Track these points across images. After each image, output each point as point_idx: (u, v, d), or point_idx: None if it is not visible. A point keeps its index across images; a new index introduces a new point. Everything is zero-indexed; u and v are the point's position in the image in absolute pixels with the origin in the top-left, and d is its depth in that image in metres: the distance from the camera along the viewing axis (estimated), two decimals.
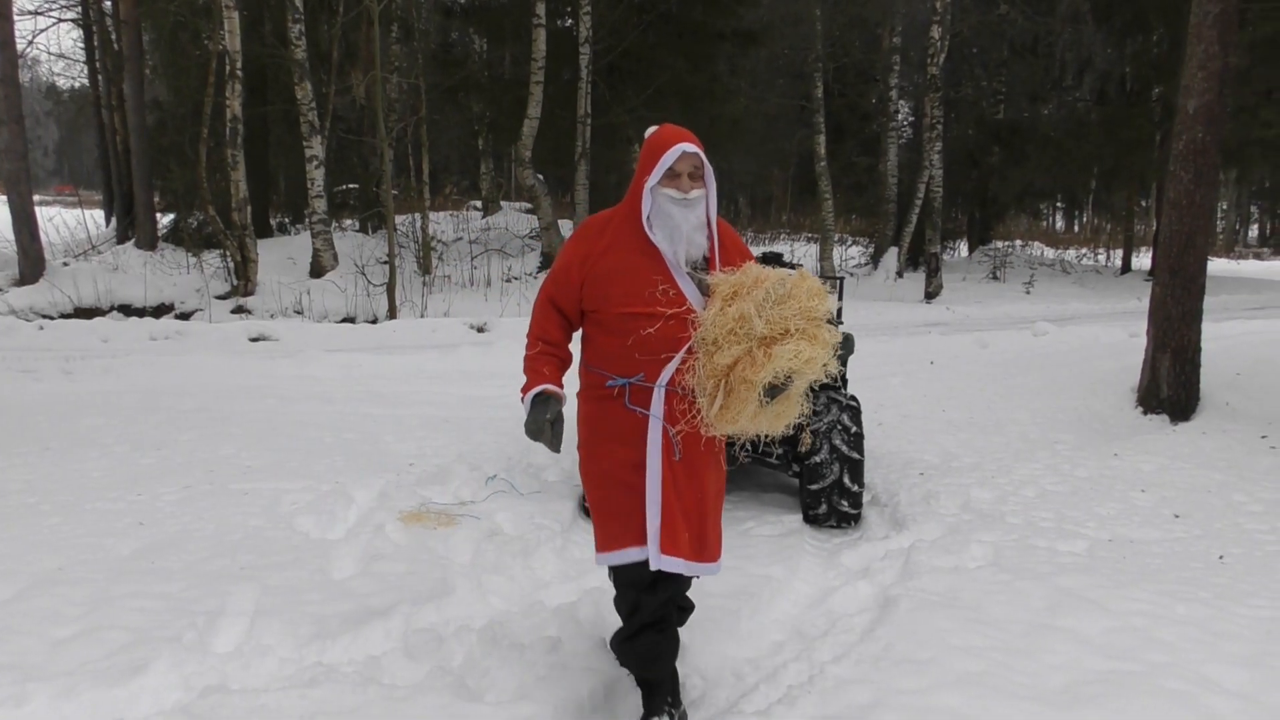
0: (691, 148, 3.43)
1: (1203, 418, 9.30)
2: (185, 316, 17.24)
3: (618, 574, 3.71)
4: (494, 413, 9.22)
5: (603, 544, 3.65)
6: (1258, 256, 48.16)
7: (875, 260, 26.04)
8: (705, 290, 3.53)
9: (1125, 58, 25.36)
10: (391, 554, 5.30)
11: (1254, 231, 58.90)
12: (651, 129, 3.64)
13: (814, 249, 28.09)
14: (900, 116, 27.50)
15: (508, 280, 19.86)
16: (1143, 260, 31.38)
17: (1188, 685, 3.97)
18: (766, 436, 3.57)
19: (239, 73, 17.51)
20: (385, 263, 17.84)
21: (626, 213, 3.56)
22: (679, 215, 3.47)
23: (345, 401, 9.71)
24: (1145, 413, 9.45)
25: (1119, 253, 32.20)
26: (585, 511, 6.39)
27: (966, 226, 31.57)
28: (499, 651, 4.17)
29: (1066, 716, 3.68)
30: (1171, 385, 9.32)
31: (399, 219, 21.60)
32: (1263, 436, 8.58)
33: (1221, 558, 5.82)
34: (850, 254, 28.65)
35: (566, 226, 21.82)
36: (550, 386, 3.59)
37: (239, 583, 4.69)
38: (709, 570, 3.64)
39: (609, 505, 3.62)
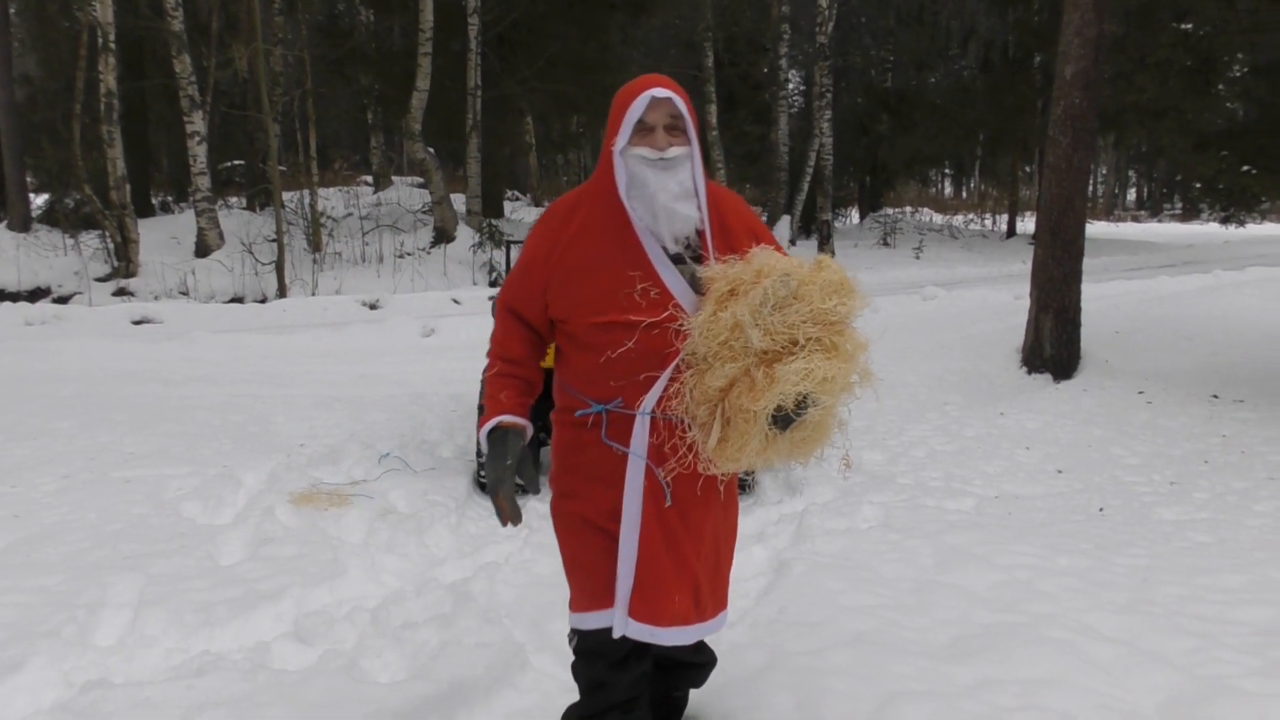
0: (664, 91, 2.69)
1: (1084, 375, 9.59)
2: (63, 300, 16.65)
3: (582, 638, 3.01)
4: (387, 390, 9.10)
5: (575, 603, 3.01)
6: (1135, 219, 49.78)
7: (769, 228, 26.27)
8: (699, 287, 2.76)
9: (1008, 26, 25.87)
10: (281, 537, 5.20)
11: (1132, 195, 60.76)
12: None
13: None
14: (791, 85, 27.73)
15: (400, 256, 19.58)
16: (1027, 224, 32.15)
17: (1069, 634, 4.09)
18: None
19: (112, 45, 16.89)
20: (273, 241, 17.44)
21: (598, 189, 2.82)
22: (655, 181, 2.72)
23: (233, 383, 9.48)
24: (1030, 372, 9.71)
25: (1005, 217, 32.96)
26: (481, 486, 6.35)
27: (857, 194, 32.04)
28: (393, 631, 4.12)
29: (954, 669, 3.77)
30: (1054, 345, 9.58)
31: (287, 195, 21.11)
32: (1139, 392, 8.88)
33: (1101, 510, 6.01)
34: None
35: (459, 200, 21.57)
36: (509, 418, 2.84)
37: (121, 573, 4.55)
38: (710, 629, 3.01)
39: (582, 557, 2.95)
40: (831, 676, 3.64)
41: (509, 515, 2.79)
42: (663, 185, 2.72)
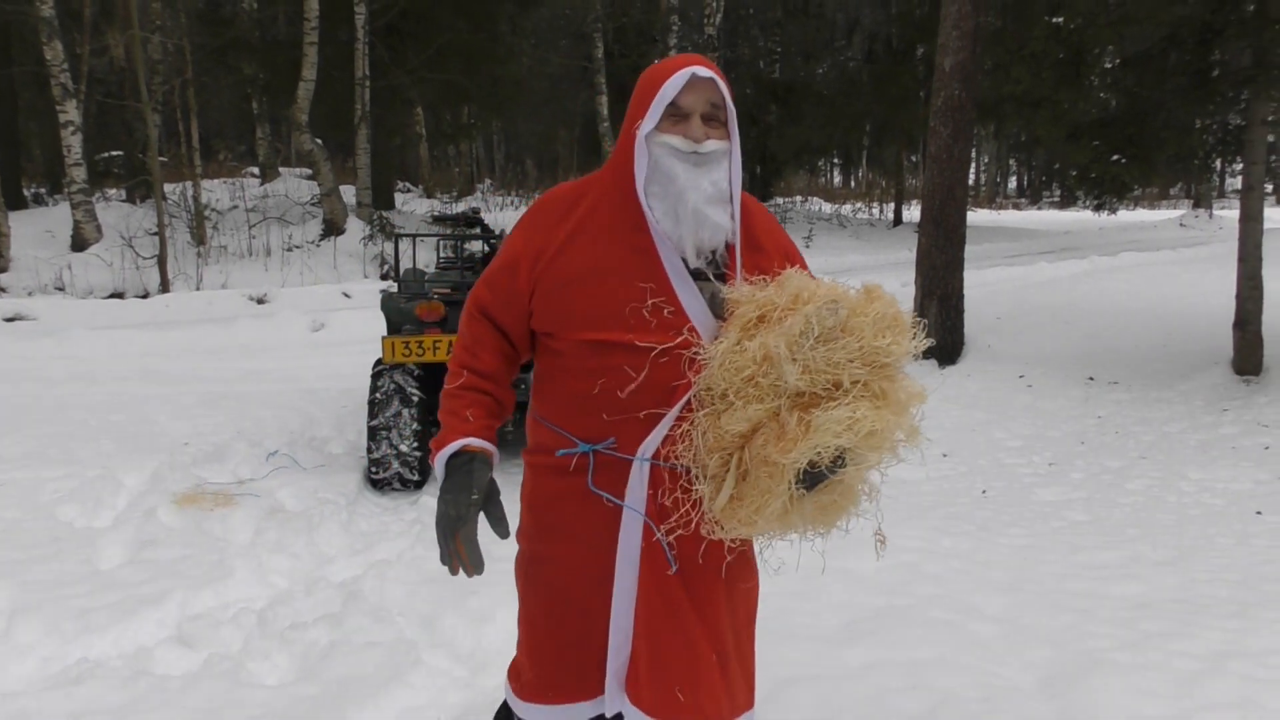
0: (706, 72, 2.20)
1: (968, 361, 9.84)
2: None
3: None
4: (275, 386, 8.92)
5: (529, 689, 2.43)
6: (1017, 207, 51.13)
7: None
8: (721, 310, 2.26)
9: (891, 17, 26.37)
10: (164, 539, 5.06)
11: (1013, 183, 62.42)
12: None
13: None
14: None
15: (289, 249, 19.16)
16: (913, 213, 32.79)
17: (954, 614, 4.20)
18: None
19: None
20: (155, 234, 16.92)
21: (610, 180, 2.30)
22: (686, 178, 2.20)
23: (113, 381, 9.20)
24: (915, 358, 9.92)
25: (891, 206, 33.60)
26: (373, 483, 6.27)
27: (748, 184, 32.33)
28: (281, 632, 4.05)
29: (843, 653, 3.85)
30: (938, 331, 9.81)
31: (169, 188, 20.51)
32: (1020, 376, 9.15)
33: (984, 492, 6.18)
34: None
35: (349, 192, 21.21)
36: (476, 441, 2.28)
37: None
38: None
39: (549, 641, 2.39)
40: None
41: (469, 564, 2.21)
42: (694, 183, 2.20)
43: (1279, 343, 9.11)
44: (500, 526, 2.28)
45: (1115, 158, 8.86)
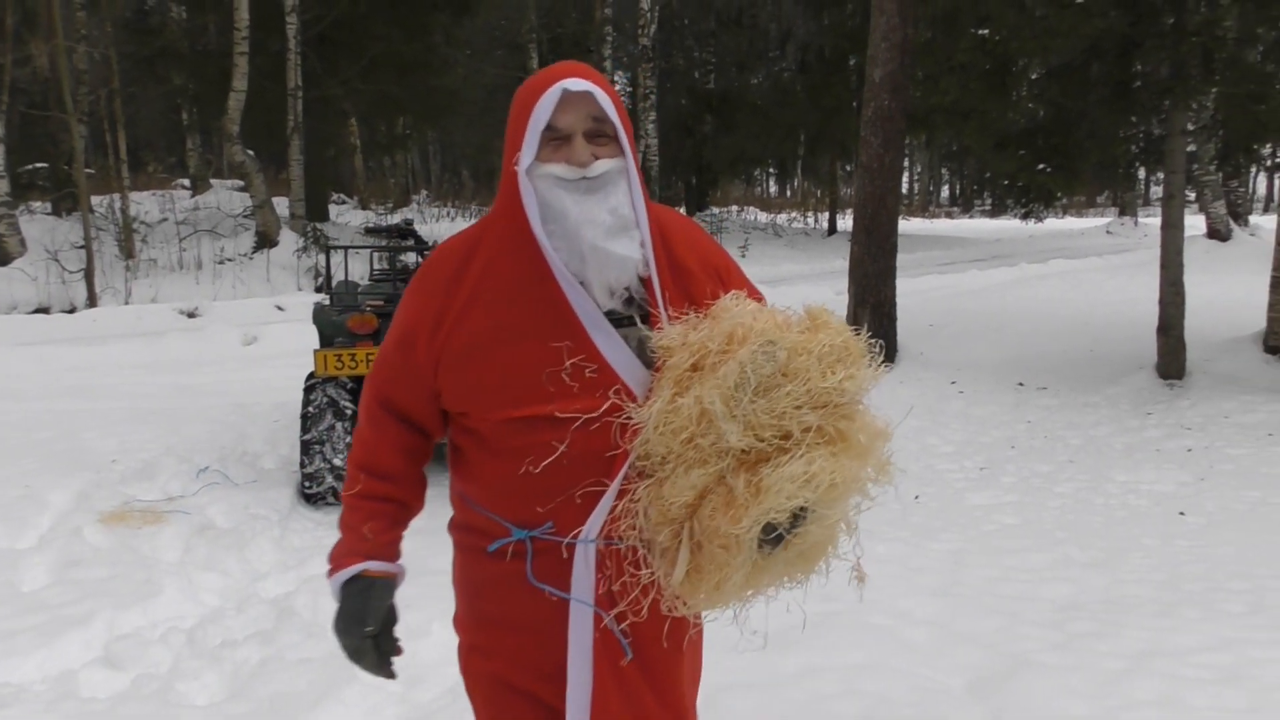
0: (580, 83, 1.90)
1: (901, 367, 9.96)
2: None
3: None
4: (207, 401, 8.79)
5: None
6: (949, 215, 51.89)
7: None
8: (650, 357, 1.96)
9: (824, 29, 26.63)
10: (90, 559, 4.96)
11: (946, 192, 63.34)
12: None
13: None
14: (618, 87, 27.91)
15: (221, 262, 18.91)
16: (848, 222, 33.05)
17: (888, 619, 4.25)
18: None
19: None
20: (81, 247, 16.62)
21: (503, 225, 1.99)
22: (579, 211, 1.91)
23: (39, 398, 9.01)
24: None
25: (826, 215, 33.92)
26: (306, 498, 6.20)
27: (684, 194, 32.47)
28: (211, 651, 3.99)
29: (779, 660, 3.87)
30: (872, 338, 9.90)
31: (96, 200, 20.15)
32: (952, 382, 9.28)
33: (917, 497, 6.26)
34: None
35: (282, 204, 20.98)
36: (375, 565, 2.01)
37: None
38: None
39: None
40: None
41: (380, 672, 2.03)
42: (589, 215, 1.91)
43: (1201, 347, 9.34)
44: (385, 670, 2.01)
45: (1041, 167, 9.04)
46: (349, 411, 6.14)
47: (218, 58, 20.82)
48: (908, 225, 34.56)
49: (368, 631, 1.97)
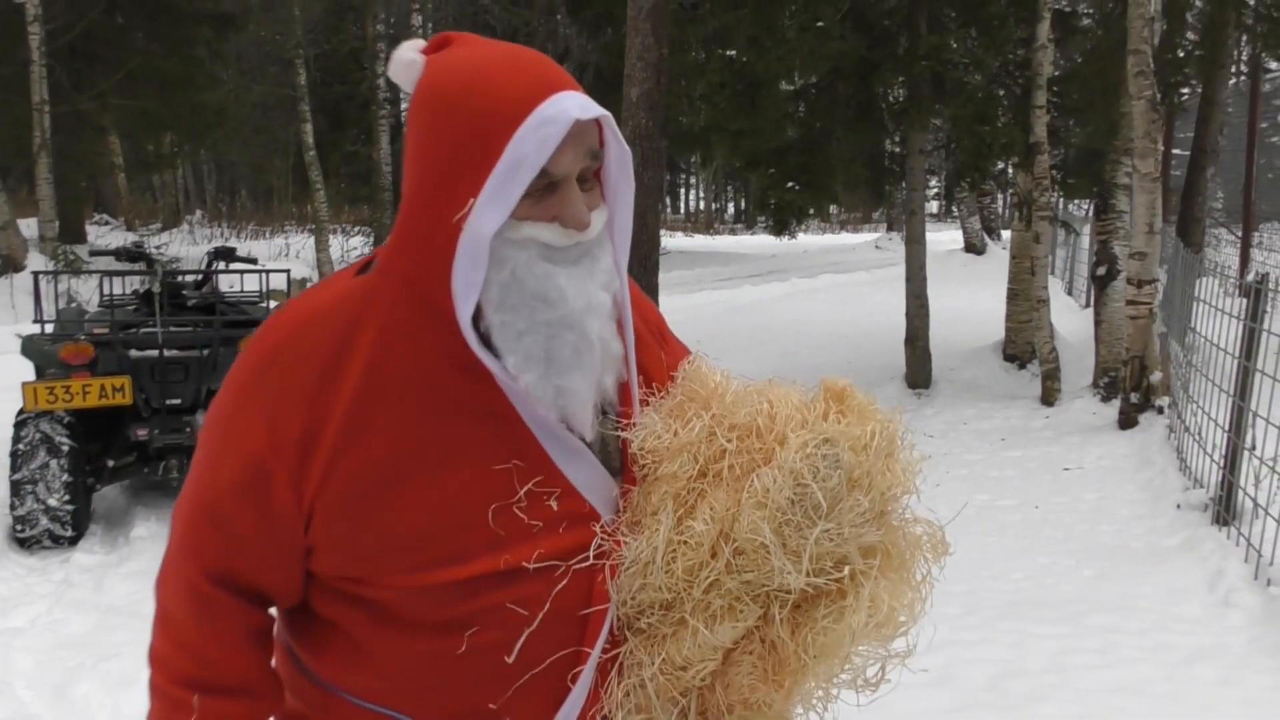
0: (588, 105, 1.29)
1: None
2: None
3: None
4: None
5: None
6: (733, 232, 53.26)
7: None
8: (616, 461, 1.40)
9: (598, 49, 26.93)
10: None
11: (731, 209, 65.02)
12: (408, 51, 1.29)
13: (312, 240, 27.57)
14: (400, 105, 27.51)
15: None
16: None
17: None
18: None
19: None
20: None
21: (409, 293, 1.28)
22: (576, 293, 1.27)
23: None
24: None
25: None
26: (19, 542, 5.74)
27: None
28: None
29: None
30: None
31: None
32: None
33: None
34: (353, 244, 28.34)
35: (28, 226, 19.69)
36: None
37: None
38: None
39: None
40: None
41: None
42: (588, 298, 1.29)
43: (949, 356, 9.80)
44: None
45: (790, 185, 9.33)
46: (65, 448, 5.73)
47: None
48: (690, 242, 35.32)
49: None
